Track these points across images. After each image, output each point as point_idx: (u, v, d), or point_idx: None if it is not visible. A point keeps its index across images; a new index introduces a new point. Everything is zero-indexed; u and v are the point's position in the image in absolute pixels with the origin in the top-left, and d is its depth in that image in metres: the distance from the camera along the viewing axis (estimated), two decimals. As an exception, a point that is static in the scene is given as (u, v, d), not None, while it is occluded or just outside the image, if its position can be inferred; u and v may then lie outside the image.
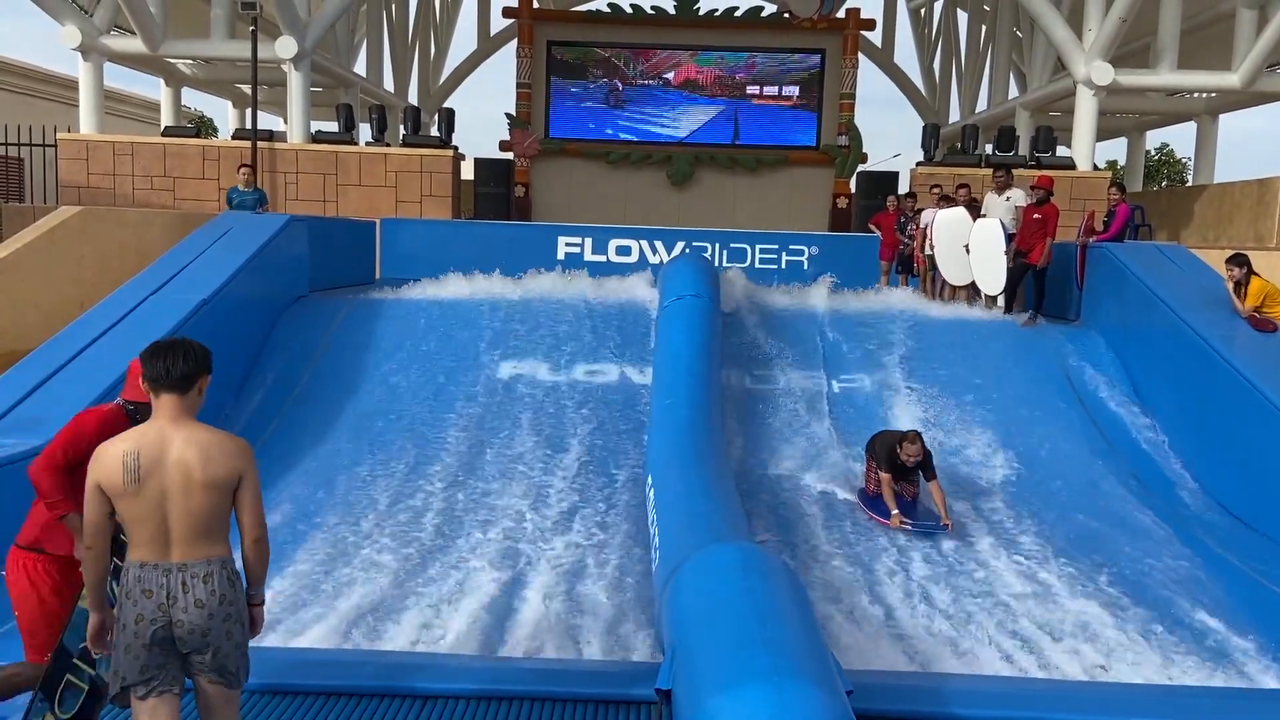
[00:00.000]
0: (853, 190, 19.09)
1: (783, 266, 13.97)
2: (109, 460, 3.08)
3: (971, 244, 11.16)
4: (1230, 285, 8.97)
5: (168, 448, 3.10)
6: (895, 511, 7.14)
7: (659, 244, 13.89)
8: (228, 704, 3.24)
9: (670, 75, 19.62)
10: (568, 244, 14.01)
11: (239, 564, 3.25)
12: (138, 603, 3.08)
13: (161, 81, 21.52)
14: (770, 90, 19.59)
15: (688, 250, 13.61)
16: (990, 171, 12.59)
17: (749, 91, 19.60)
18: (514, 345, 10.25)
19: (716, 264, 13.30)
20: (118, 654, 3.13)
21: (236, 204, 12.46)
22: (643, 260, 13.71)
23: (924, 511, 7.34)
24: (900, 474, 7.32)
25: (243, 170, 13.18)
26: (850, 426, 9.07)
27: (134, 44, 17.33)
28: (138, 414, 3.69)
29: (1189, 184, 25.40)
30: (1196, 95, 21.27)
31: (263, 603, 3.38)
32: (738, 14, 19.72)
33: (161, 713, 3.17)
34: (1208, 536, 7.21)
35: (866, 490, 7.68)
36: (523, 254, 13.22)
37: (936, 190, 12.71)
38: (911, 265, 12.52)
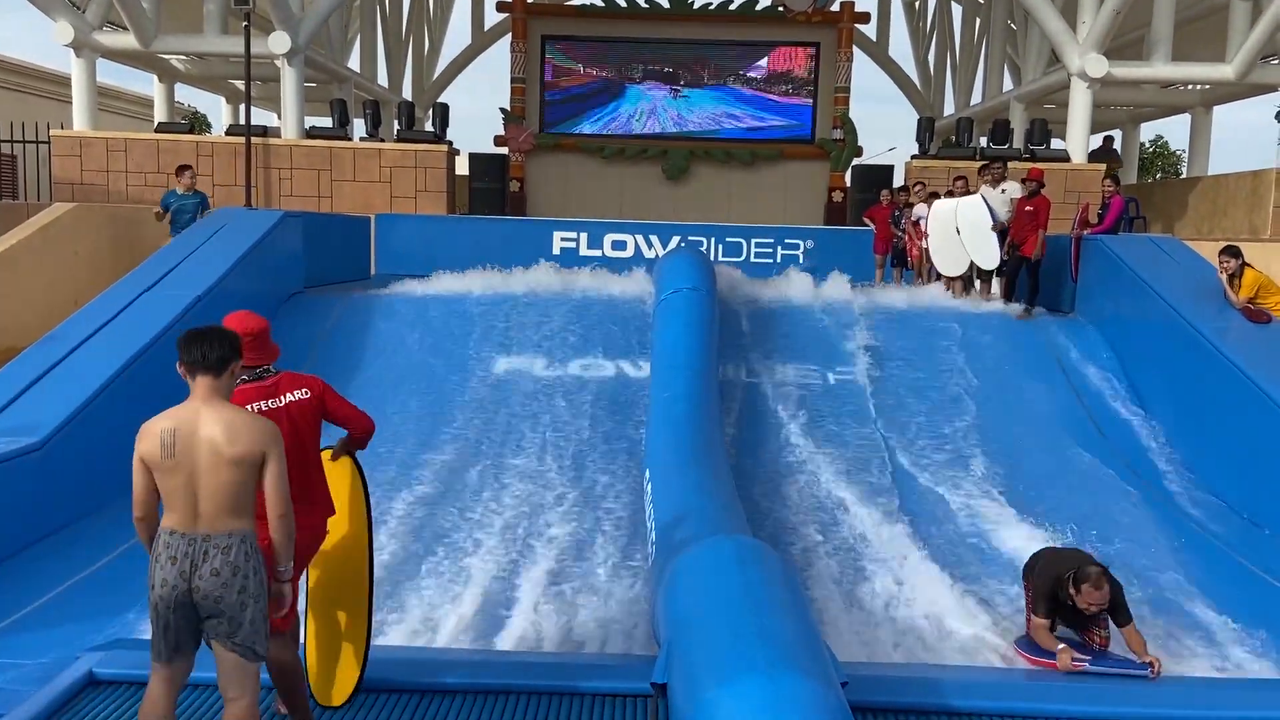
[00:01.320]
0: (848, 184, 19.09)
1: (778, 260, 13.98)
2: (150, 436, 3.39)
3: (960, 226, 11.19)
4: (1224, 277, 8.99)
5: (199, 426, 3.35)
6: (1062, 646, 5.04)
7: (654, 238, 13.90)
8: (242, 672, 3.41)
9: (664, 69, 19.59)
10: (563, 239, 14.01)
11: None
12: (164, 567, 3.33)
13: (155, 77, 21.44)
14: (765, 84, 19.57)
15: (683, 244, 13.61)
16: (981, 164, 12.58)
17: (743, 85, 19.58)
18: (510, 340, 10.25)
19: (712, 258, 13.30)
20: (154, 619, 3.39)
21: (175, 209, 11.36)
22: (638, 255, 13.72)
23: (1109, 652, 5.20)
24: (1073, 620, 5.22)
25: (185, 173, 11.81)
26: (845, 419, 9.07)
27: (127, 40, 17.27)
28: (264, 377, 3.91)
29: (1183, 176, 25.42)
30: (1191, 87, 21.28)
31: (291, 579, 3.58)
32: (732, 7, 19.69)
33: (177, 675, 3.46)
34: (1201, 526, 7.24)
35: (1027, 629, 5.36)
36: (518, 249, 13.22)
37: (920, 189, 12.69)
38: (905, 258, 12.53)
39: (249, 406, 3.73)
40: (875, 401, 9.41)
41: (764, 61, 19.52)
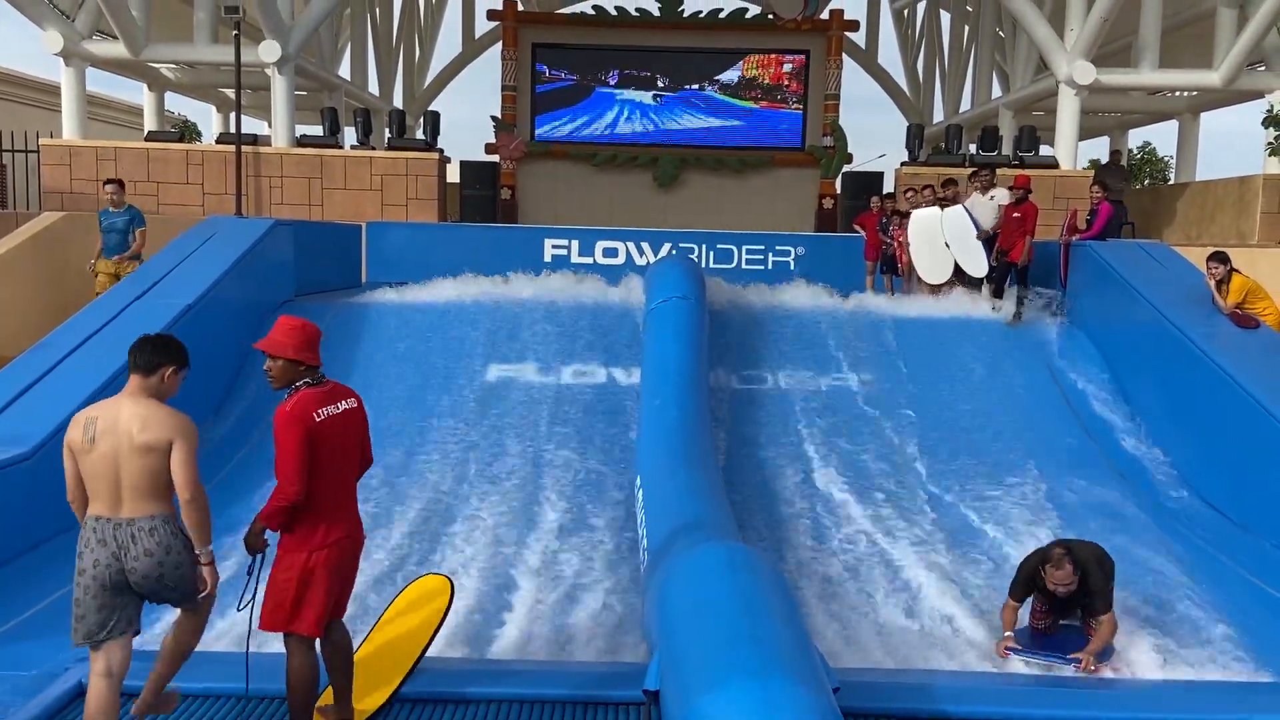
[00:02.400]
0: (838, 191, 19.15)
1: (769, 267, 14.00)
2: (76, 424, 3.75)
3: (947, 236, 11.29)
4: (1212, 282, 9.04)
5: (119, 416, 3.72)
6: (1008, 634, 5.38)
7: (645, 245, 13.90)
8: (195, 619, 3.96)
9: (655, 77, 19.64)
10: (554, 246, 14.00)
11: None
12: (94, 550, 3.69)
13: (144, 86, 21.42)
14: (755, 91, 19.64)
15: (674, 251, 13.63)
16: (971, 171, 12.64)
17: (734, 93, 19.64)
18: (502, 347, 10.25)
19: (703, 265, 13.32)
20: (83, 598, 3.71)
21: (105, 228, 10.77)
22: (629, 262, 13.71)
23: (1062, 642, 5.44)
24: (1051, 605, 5.44)
25: (109, 187, 11.03)
26: (837, 425, 9.09)
27: (116, 49, 17.25)
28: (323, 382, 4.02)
29: (1171, 182, 25.57)
30: (1178, 94, 21.42)
31: (210, 563, 3.85)
32: (722, 15, 19.77)
33: (116, 654, 3.77)
34: (1190, 530, 7.27)
35: (1030, 620, 5.61)
36: (509, 256, 13.21)
37: (911, 194, 12.69)
38: (895, 265, 12.59)
39: (318, 412, 3.82)
40: (867, 407, 9.43)
41: (754, 69, 19.59)
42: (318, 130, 17.80)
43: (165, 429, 3.72)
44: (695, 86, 19.65)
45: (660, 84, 19.65)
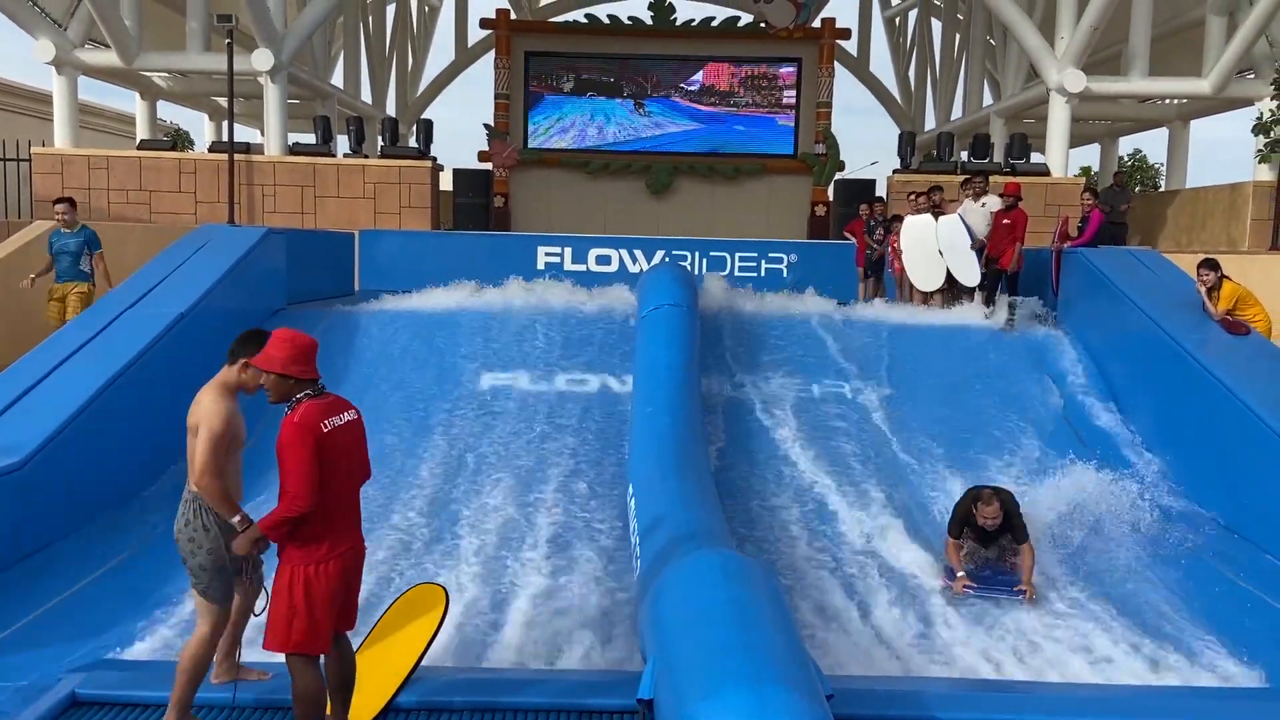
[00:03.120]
0: (831, 198, 19.20)
1: (762, 274, 14.04)
2: None
3: (942, 245, 11.33)
4: (1202, 289, 9.09)
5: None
6: (961, 574, 6.33)
7: (639, 253, 13.94)
8: (199, 607, 4.19)
9: (648, 85, 19.69)
10: (547, 254, 14.03)
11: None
12: None
13: (137, 95, 21.40)
14: (747, 99, 19.69)
15: (667, 259, 13.66)
16: (963, 179, 12.69)
17: (726, 101, 19.70)
18: (494, 355, 10.25)
19: (696, 272, 13.35)
20: None
21: (56, 250, 10.30)
22: (622, 269, 13.74)
23: (998, 576, 6.46)
24: (983, 539, 6.55)
25: (59, 206, 10.44)
26: (830, 431, 9.11)
27: (108, 57, 17.24)
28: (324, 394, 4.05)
29: (1162, 189, 25.68)
30: (1168, 102, 21.53)
31: (242, 530, 4.05)
32: (714, 24, 19.83)
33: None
34: (1182, 535, 7.29)
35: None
36: (502, 264, 13.22)
37: (912, 198, 12.73)
38: (880, 269, 12.63)
39: (325, 423, 3.84)
40: (859, 413, 9.45)
41: (747, 77, 19.64)
42: (310, 138, 17.80)
43: (196, 414, 4.08)
44: (688, 95, 19.70)
45: (653, 92, 19.69)
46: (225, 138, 16.70)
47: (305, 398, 3.88)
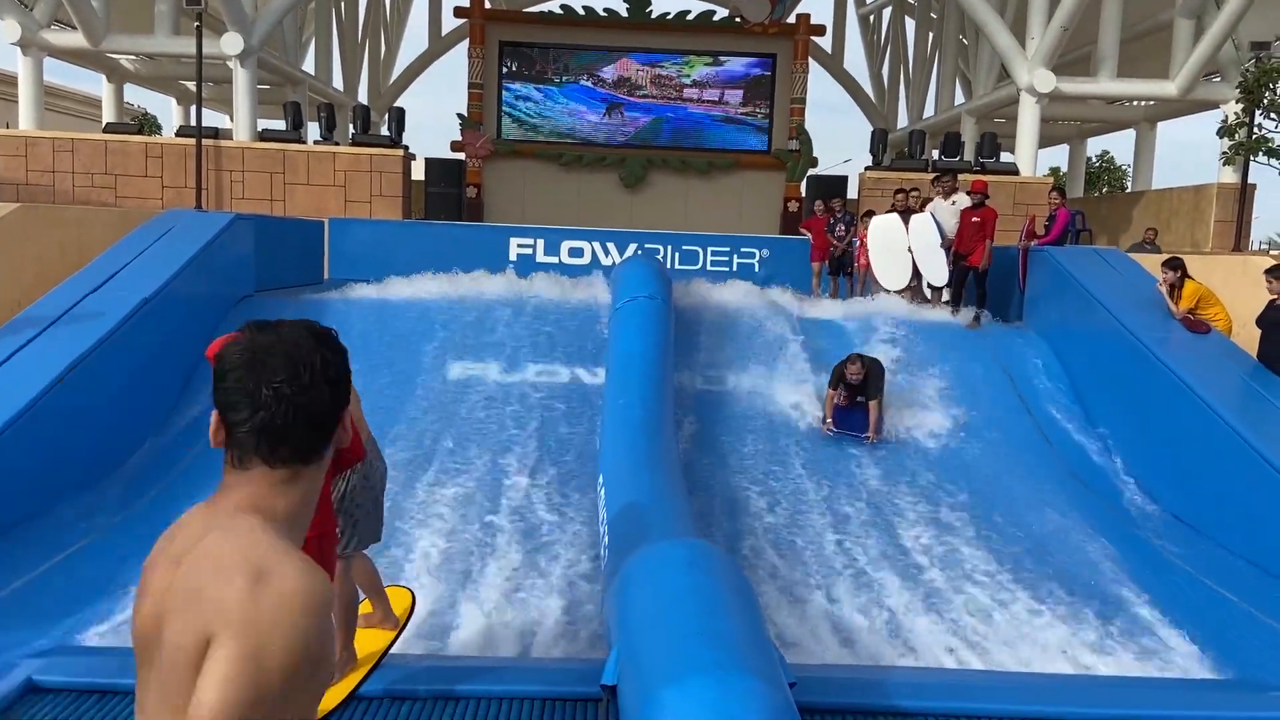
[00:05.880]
0: (803, 194, 19.29)
1: (734, 269, 14.08)
2: None
3: (913, 243, 11.42)
4: (1165, 288, 9.22)
5: None
6: (828, 420, 8.88)
7: (611, 246, 13.92)
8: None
9: (622, 77, 19.66)
10: (520, 245, 13.98)
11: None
12: None
13: (103, 77, 21.10)
14: (722, 94, 19.72)
15: (640, 252, 13.66)
16: (934, 176, 12.78)
17: (700, 95, 19.72)
18: (465, 346, 10.21)
19: (669, 266, 13.36)
20: None
21: None
22: (595, 262, 13.73)
23: (859, 423, 8.84)
24: (850, 390, 8.83)
25: None
26: (797, 427, 9.16)
27: (75, 39, 16.99)
28: None
29: (1128, 190, 26.01)
30: (1136, 104, 21.82)
31: None
32: (689, 17, 19.84)
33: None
34: (1144, 532, 7.41)
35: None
36: (474, 255, 13.16)
37: (902, 195, 12.74)
38: (840, 267, 12.70)
39: None
40: (823, 409, 9.49)
41: (721, 72, 19.67)
42: (280, 124, 17.63)
43: None
44: (662, 88, 19.69)
45: (627, 85, 19.67)
46: (193, 122, 16.51)
47: None
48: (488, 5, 19.90)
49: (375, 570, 4.65)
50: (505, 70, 19.41)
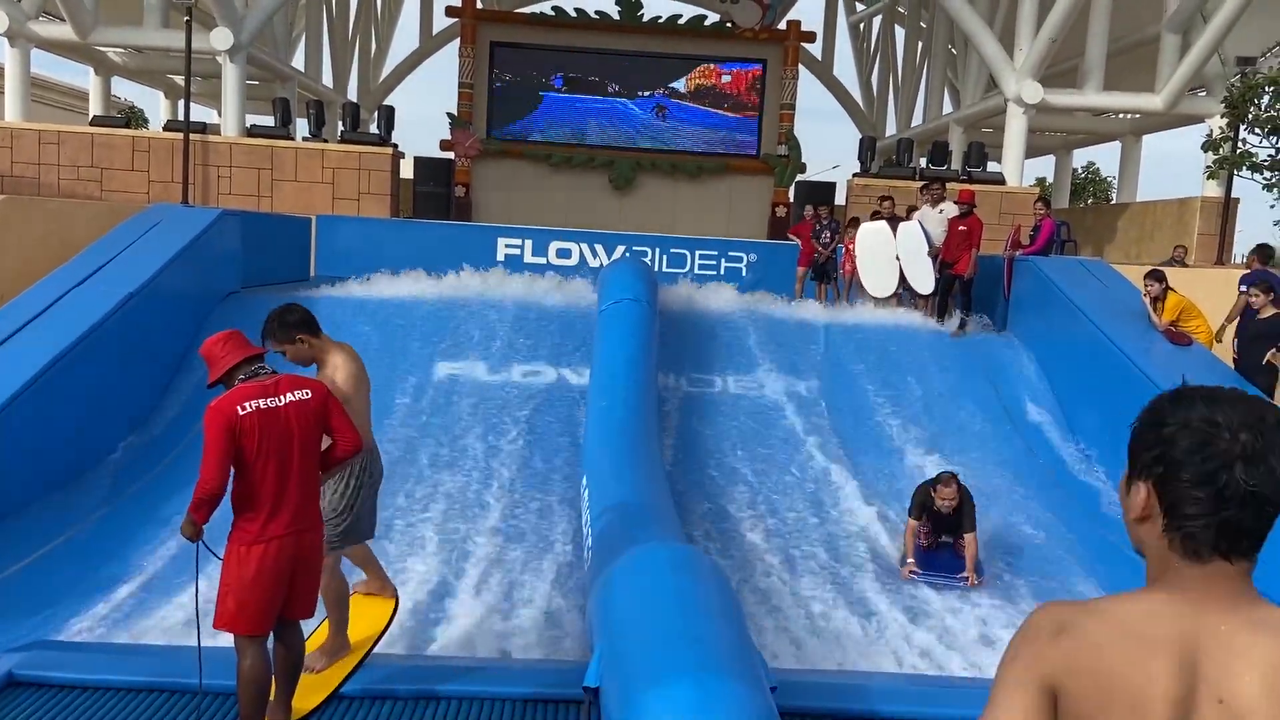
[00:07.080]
0: (791, 199, 19.35)
1: (721, 273, 14.11)
2: None
3: (900, 251, 11.47)
4: (1148, 300, 9.29)
5: None
6: (909, 560, 6.74)
7: (599, 247, 13.93)
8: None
9: (613, 80, 19.68)
10: (507, 245, 13.97)
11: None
12: None
13: (91, 70, 20.98)
14: (711, 98, 19.77)
15: (628, 254, 13.68)
16: (922, 184, 12.86)
17: (691, 98, 19.76)
18: (451, 345, 10.20)
19: (656, 269, 13.38)
20: None
21: None
22: (583, 263, 13.73)
23: (947, 563, 6.79)
24: (937, 524, 6.87)
25: None
26: (780, 430, 9.19)
27: (63, 30, 16.88)
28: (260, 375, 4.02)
29: (1113, 202, 26.21)
30: (1121, 116, 21.99)
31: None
32: (681, 21, 19.88)
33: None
34: (1124, 539, 7.46)
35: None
36: (462, 254, 13.15)
37: (890, 202, 12.80)
38: (825, 273, 12.74)
39: (247, 404, 3.77)
40: (810, 414, 9.54)
41: (711, 76, 19.72)
42: (269, 121, 17.57)
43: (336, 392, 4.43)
44: (653, 91, 19.73)
45: (617, 87, 19.69)
46: (181, 117, 16.43)
47: (240, 380, 3.87)
48: (479, 5, 19.88)
49: (364, 547, 4.71)
50: (495, 72, 19.40)
